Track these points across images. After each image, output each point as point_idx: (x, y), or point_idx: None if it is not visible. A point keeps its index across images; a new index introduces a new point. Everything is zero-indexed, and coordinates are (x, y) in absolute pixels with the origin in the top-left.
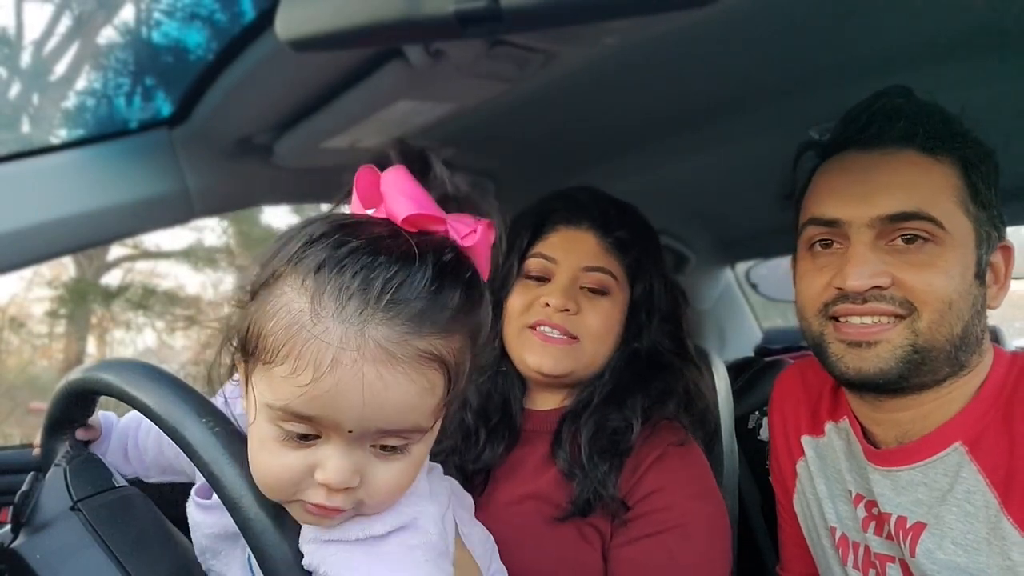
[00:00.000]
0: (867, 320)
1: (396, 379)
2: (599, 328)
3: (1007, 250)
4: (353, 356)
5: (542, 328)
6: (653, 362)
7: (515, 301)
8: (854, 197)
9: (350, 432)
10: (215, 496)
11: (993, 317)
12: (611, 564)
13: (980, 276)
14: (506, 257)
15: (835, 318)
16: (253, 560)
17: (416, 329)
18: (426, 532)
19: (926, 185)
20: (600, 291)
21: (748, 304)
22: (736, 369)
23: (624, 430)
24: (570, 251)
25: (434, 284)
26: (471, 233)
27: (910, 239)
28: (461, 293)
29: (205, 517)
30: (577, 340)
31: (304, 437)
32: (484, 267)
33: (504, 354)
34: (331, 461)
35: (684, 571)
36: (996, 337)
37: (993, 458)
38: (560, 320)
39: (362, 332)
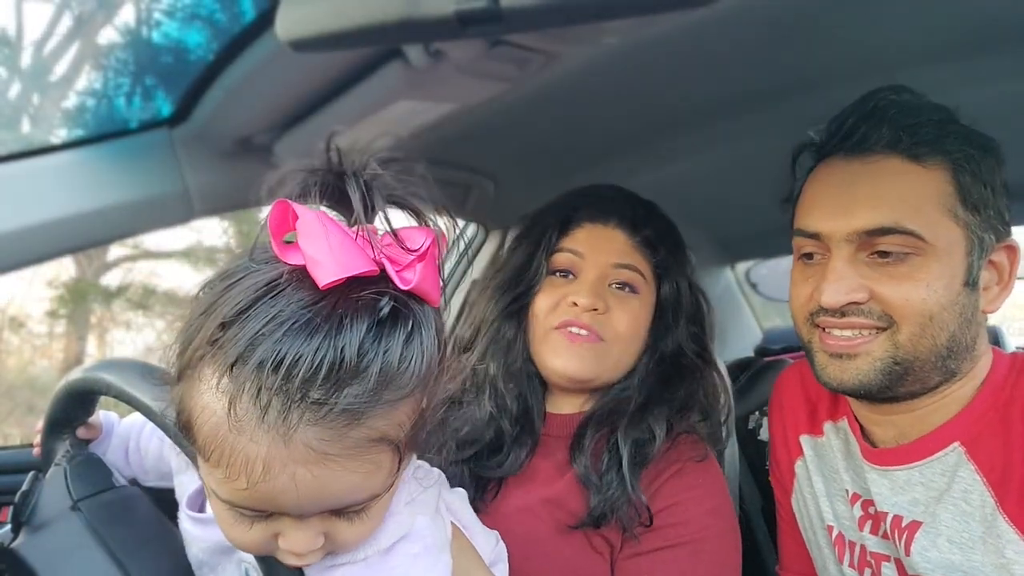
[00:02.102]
0: (847, 332)
1: (334, 474)
2: (627, 329)
3: (1011, 249)
4: (283, 462)
5: (570, 329)
6: (677, 365)
7: (541, 301)
8: (834, 210)
9: (300, 514)
10: (209, 509)
11: (994, 317)
12: (617, 572)
13: (971, 283)
14: (532, 256)
15: (822, 327)
16: (249, 572)
17: (352, 419)
18: (423, 537)
19: (909, 196)
20: (629, 289)
21: (748, 304)
22: (736, 369)
23: (647, 442)
24: (598, 248)
25: (369, 356)
26: (410, 267)
27: (888, 252)
28: (401, 354)
29: (201, 531)
30: (604, 341)
31: (260, 513)
32: (433, 291)
33: (528, 358)
34: (290, 533)
35: None
36: (996, 337)
37: (990, 458)
38: (588, 320)
39: (289, 438)
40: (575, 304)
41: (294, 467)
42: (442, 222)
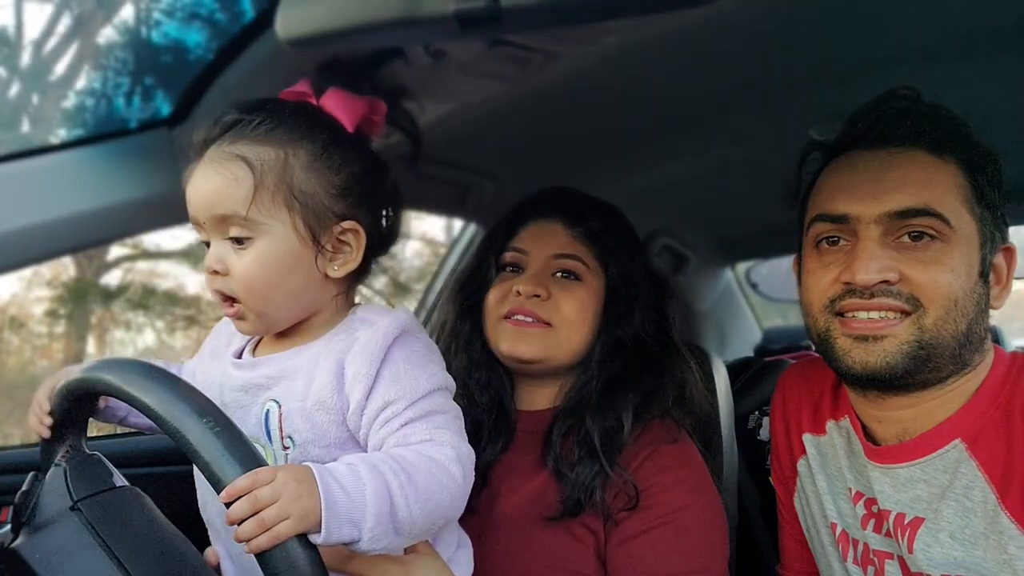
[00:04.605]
0: (874, 315)
1: (209, 173)
2: (571, 313)
3: (1009, 251)
4: (195, 168)
5: (515, 316)
6: (640, 353)
7: (492, 294)
8: (862, 193)
9: (203, 224)
10: (247, 355)
11: (993, 317)
12: (610, 563)
13: (984, 275)
14: (484, 258)
15: (841, 314)
16: (270, 415)
17: (230, 140)
18: (418, 336)
19: (933, 183)
20: (571, 276)
21: (748, 304)
22: (736, 369)
23: (616, 430)
24: (540, 242)
25: (254, 113)
26: (329, 97)
27: (917, 236)
28: (276, 119)
29: (237, 372)
30: (551, 326)
31: (207, 243)
32: (341, 115)
33: (488, 350)
34: (208, 253)
35: (683, 564)
36: (996, 337)
37: (992, 455)
38: (532, 306)
39: (203, 153)
40: (518, 293)
41: (197, 168)
42: None
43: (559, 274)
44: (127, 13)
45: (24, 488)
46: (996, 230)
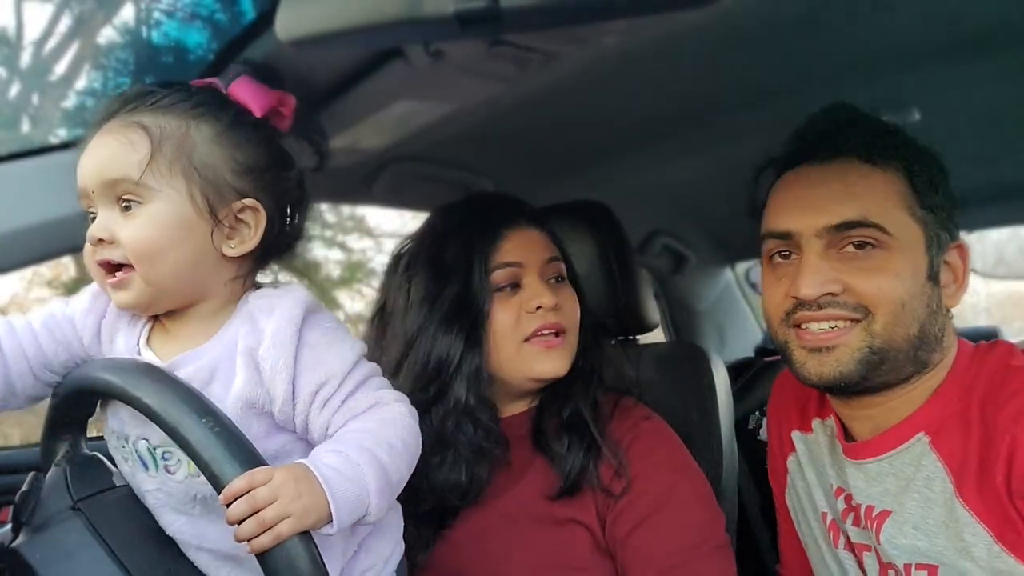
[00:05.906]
0: (824, 326)
1: (105, 140)
2: (574, 314)
3: (961, 248)
4: (92, 136)
5: (543, 334)
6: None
7: (501, 318)
8: (802, 209)
9: (92, 192)
10: (144, 351)
11: (993, 316)
12: (619, 555)
13: (933, 277)
14: (469, 281)
15: (797, 325)
16: None
17: (129, 110)
18: (323, 311)
19: (870, 193)
20: (562, 279)
21: (748, 304)
22: (736, 369)
23: (592, 407)
24: (530, 250)
25: (160, 90)
26: (238, 84)
27: (861, 245)
28: (181, 95)
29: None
30: (566, 333)
31: (94, 218)
32: (249, 101)
33: (487, 380)
34: (94, 224)
35: (685, 540)
36: (996, 337)
37: (951, 446)
38: (555, 318)
39: (100, 125)
40: (538, 308)
41: (93, 138)
42: None
43: (554, 279)
44: (127, 13)
45: (24, 488)
46: (943, 231)
